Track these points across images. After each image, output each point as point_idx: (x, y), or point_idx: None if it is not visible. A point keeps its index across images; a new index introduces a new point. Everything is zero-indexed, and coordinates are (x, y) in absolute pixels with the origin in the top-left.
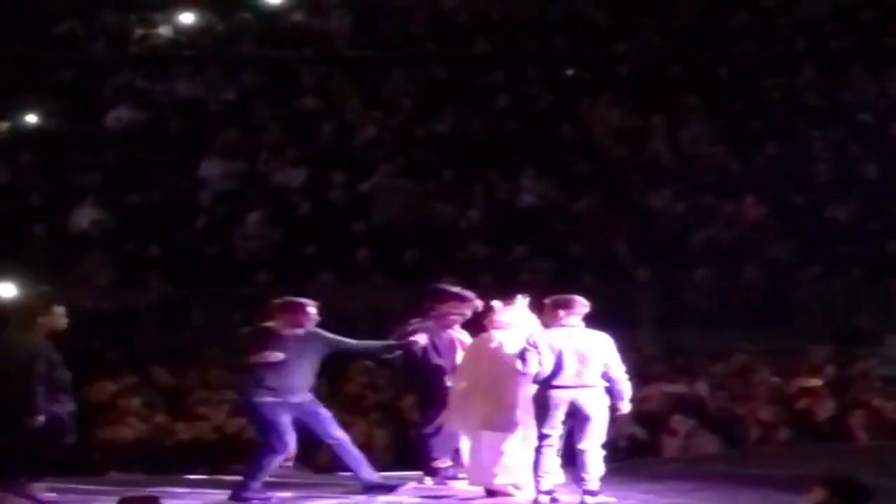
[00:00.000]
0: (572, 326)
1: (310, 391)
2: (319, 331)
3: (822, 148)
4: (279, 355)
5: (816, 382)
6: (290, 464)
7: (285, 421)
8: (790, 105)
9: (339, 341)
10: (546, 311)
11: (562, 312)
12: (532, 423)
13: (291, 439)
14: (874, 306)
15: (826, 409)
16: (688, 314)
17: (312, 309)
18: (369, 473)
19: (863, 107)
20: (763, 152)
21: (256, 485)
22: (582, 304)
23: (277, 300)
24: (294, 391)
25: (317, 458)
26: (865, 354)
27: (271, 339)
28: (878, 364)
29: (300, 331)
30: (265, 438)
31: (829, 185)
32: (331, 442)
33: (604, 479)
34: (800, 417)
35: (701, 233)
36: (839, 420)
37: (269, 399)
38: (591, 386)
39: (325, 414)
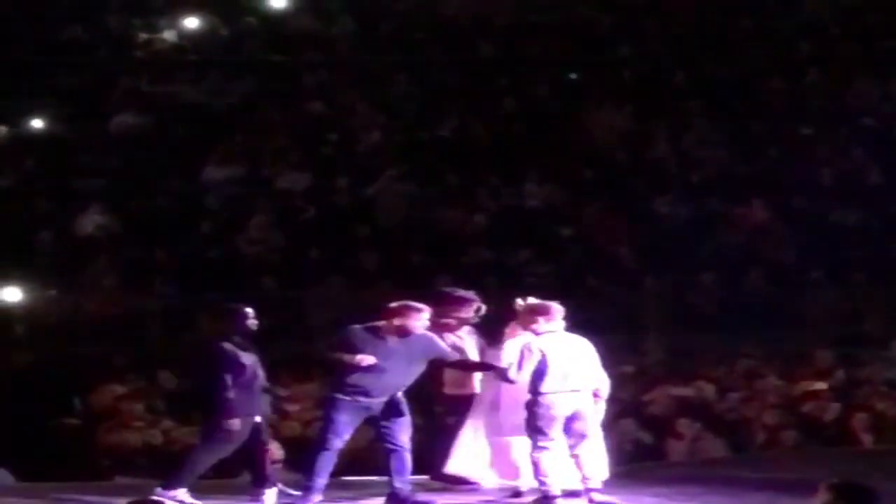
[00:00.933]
0: (560, 332)
1: (396, 393)
2: (428, 336)
3: (826, 152)
4: (369, 360)
5: (822, 386)
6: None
7: (346, 420)
8: (794, 109)
9: (444, 353)
10: (523, 318)
11: (541, 319)
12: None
13: (342, 441)
14: (879, 310)
15: (832, 412)
16: (693, 318)
17: (426, 314)
18: (406, 486)
19: (867, 111)
20: (767, 156)
21: (319, 486)
22: (559, 310)
23: (394, 303)
24: (370, 393)
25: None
26: (871, 359)
27: (372, 340)
28: (883, 368)
29: (403, 335)
30: (320, 433)
31: (833, 189)
32: (391, 446)
33: (610, 483)
34: (806, 421)
35: (706, 237)
36: (845, 424)
37: (339, 396)
38: (586, 390)
39: (401, 420)
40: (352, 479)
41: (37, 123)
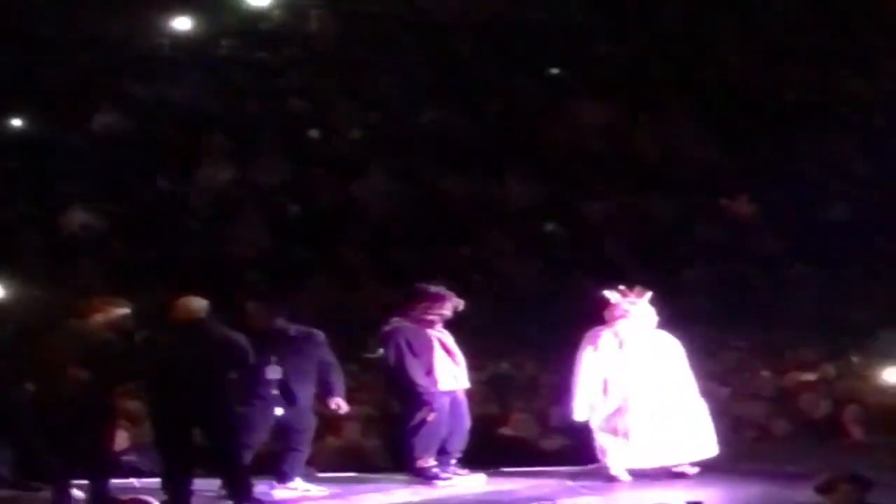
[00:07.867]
0: None
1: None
2: None
3: (811, 145)
4: None
5: (811, 378)
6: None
7: None
8: (779, 103)
9: None
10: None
11: None
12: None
13: None
14: (867, 301)
15: (821, 404)
16: (680, 312)
17: None
18: None
19: (852, 104)
20: (753, 150)
21: None
22: None
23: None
24: None
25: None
26: (859, 350)
27: None
28: (872, 360)
29: None
30: None
31: (819, 181)
32: None
33: (602, 476)
34: (795, 413)
35: (693, 231)
36: (834, 416)
37: None
38: None
39: None
40: (341, 476)
41: (17, 123)
